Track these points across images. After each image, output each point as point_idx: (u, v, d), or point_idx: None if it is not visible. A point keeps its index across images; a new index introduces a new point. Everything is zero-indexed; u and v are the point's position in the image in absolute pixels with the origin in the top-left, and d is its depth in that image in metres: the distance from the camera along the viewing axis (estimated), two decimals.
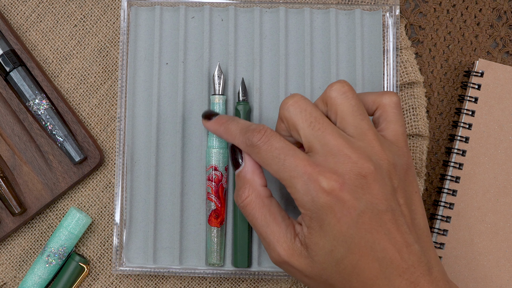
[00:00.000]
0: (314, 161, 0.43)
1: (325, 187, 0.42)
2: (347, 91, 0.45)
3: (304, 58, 0.55)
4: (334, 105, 0.45)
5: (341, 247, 0.42)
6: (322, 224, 0.43)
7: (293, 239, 0.45)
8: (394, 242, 0.42)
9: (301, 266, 0.44)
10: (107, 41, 0.58)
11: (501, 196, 0.56)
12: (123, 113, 0.55)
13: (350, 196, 0.42)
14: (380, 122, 0.47)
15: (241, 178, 0.48)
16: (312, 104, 0.46)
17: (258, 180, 0.47)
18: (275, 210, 0.46)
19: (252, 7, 0.56)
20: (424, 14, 0.59)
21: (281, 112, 0.46)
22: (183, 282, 0.56)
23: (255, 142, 0.45)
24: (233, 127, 0.48)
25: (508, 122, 0.57)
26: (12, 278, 0.56)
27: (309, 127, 0.44)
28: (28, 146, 0.56)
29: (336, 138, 0.44)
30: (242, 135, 0.47)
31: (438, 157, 0.59)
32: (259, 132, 0.46)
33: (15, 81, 0.55)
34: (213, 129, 0.50)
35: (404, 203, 0.44)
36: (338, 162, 0.43)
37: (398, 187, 0.44)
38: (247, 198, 0.47)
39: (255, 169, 0.47)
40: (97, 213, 0.57)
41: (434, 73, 0.59)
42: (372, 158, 0.43)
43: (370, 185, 0.43)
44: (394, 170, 0.44)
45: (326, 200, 0.42)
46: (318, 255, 0.43)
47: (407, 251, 0.42)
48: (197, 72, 0.56)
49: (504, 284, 0.55)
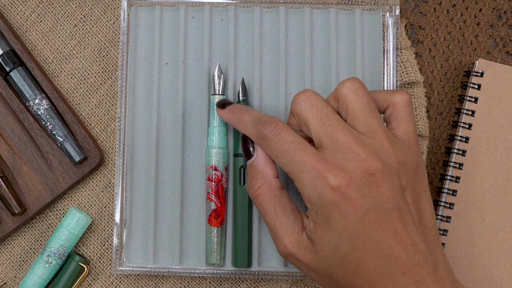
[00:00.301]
0: (323, 157, 0.43)
1: (332, 184, 0.42)
2: (359, 88, 0.45)
3: (304, 58, 0.55)
4: (345, 102, 0.46)
5: (346, 243, 0.42)
6: (328, 220, 0.43)
7: (300, 232, 0.45)
8: (400, 240, 0.42)
9: (306, 259, 0.45)
10: (107, 41, 0.58)
11: (501, 196, 0.56)
12: (123, 113, 0.55)
13: (357, 194, 0.42)
14: (391, 120, 0.47)
15: (253, 169, 0.48)
16: (323, 100, 0.46)
17: (270, 171, 0.47)
18: (286, 202, 0.47)
19: (252, 7, 0.56)
20: (424, 14, 0.59)
21: (293, 107, 0.46)
22: (183, 282, 0.56)
23: (266, 135, 0.46)
24: (246, 118, 0.48)
25: (508, 122, 0.57)
26: (12, 278, 0.56)
27: (319, 123, 0.45)
28: (28, 146, 0.56)
29: (345, 135, 0.44)
30: (254, 126, 0.47)
31: (438, 157, 0.59)
32: (271, 124, 0.46)
33: (15, 81, 0.55)
34: (226, 118, 0.51)
35: (412, 202, 0.44)
36: (347, 159, 0.43)
37: (407, 186, 0.44)
38: (259, 189, 0.47)
39: (267, 159, 0.48)
40: (97, 213, 0.57)
41: (434, 73, 0.59)
42: (381, 156, 0.43)
43: (378, 183, 0.43)
44: (403, 168, 0.44)
45: (332, 197, 0.42)
46: (323, 250, 0.44)
47: (413, 249, 0.42)
48: (197, 72, 0.56)
49: (504, 284, 0.55)
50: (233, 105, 0.51)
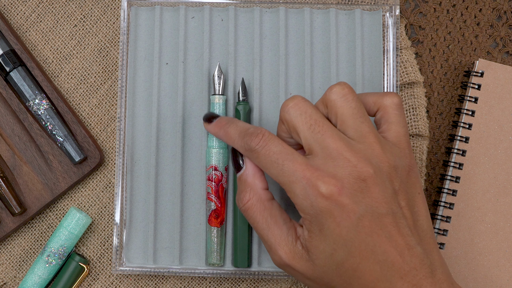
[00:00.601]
0: (312, 164, 0.43)
1: (324, 192, 0.42)
2: (347, 93, 0.45)
3: (304, 58, 0.55)
4: (334, 107, 0.45)
5: (341, 250, 0.42)
6: (322, 228, 0.43)
7: (294, 241, 0.45)
8: (395, 245, 0.42)
9: (302, 269, 0.44)
10: (107, 41, 0.58)
11: (501, 196, 0.56)
12: (123, 113, 0.55)
13: (349, 200, 0.42)
14: (381, 123, 0.47)
15: (242, 182, 0.48)
16: (312, 106, 0.45)
17: (259, 184, 0.47)
18: (276, 213, 0.46)
19: (252, 7, 0.56)
20: (424, 14, 0.59)
21: (282, 114, 0.46)
22: (183, 282, 0.56)
23: (253, 147, 0.45)
24: (232, 131, 0.48)
25: (508, 122, 0.57)
26: (12, 278, 0.56)
27: (309, 130, 0.44)
28: (28, 146, 0.56)
29: (335, 141, 0.43)
30: (241, 139, 0.47)
31: (438, 157, 0.59)
32: (257, 136, 0.45)
33: (15, 81, 0.55)
34: (213, 132, 0.50)
35: (406, 205, 0.44)
36: (337, 165, 0.43)
37: (400, 190, 0.44)
38: (248, 202, 0.47)
39: (256, 172, 0.47)
40: (97, 213, 0.57)
41: (434, 73, 0.59)
42: (372, 161, 0.43)
43: (370, 189, 0.42)
44: (395, 172, 0.44)
45: (325, 205, 0.42)
46: (319, 258, 0.43)
47: (409, 253, 0.42)
48: (197, 72, 0.56)
49: (504, 284, 0.55)
50: (219, 119, 0.50)
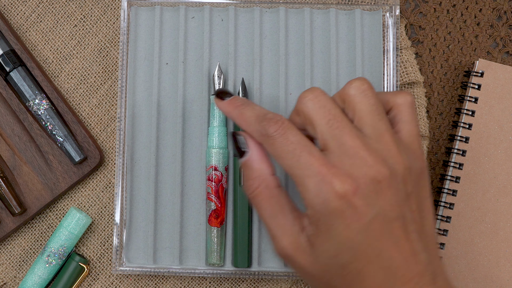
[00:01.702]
0: (329, 161, 0.42)
1: (339, 190, 0.41)
2: (367, 89, 0.44)
3: (304, 58, 0.55)
4: (352, 103, 0.44)
5: (346, 253, 0.41)
6: (329, 228, 0.42)
7: (299, 232, 0.44)
8: (401, 251, 0.41)
9: (303, 262, 0.43)
10: (107, 41, 0.58)
11: (501, 196, 0.56)
12: (123, 113, 0.55)
13: (362, 202, 0.41)
14: (394, 122, 0.46)
15: (249, 167, 0.46)
16: (332, 101, 0.44)
17: (267, 169, 0.46)
18: (284, 201, 0.45)
19: (252, 7, 0.56)
20: (424, 14, 0.59)
21: (299, 106, 0.44)
22: (183, 282, 0.56)
23: (271, 133, 0.44)
24: (249, 113, 0.46)
25: (508, 122, 0.57)
26: (12, 278, 0.56)
27: (326, 125, 0.43)
28: (28, 146, 0.56)
29: (353, 139, 0.42)
30: (258, 123, 0.45)
31: (438, 157, 0.59)
32: (276, 122, 0.44)
33: (15, 81, 0.55)
34: (226, 111, 0.48)
35: (416, 209, 0.43)
36: (354, 164, 0.41)
37: (412, 193, 0.43)
38: (256, 190, 0.45)
39: (263, 156, 0.46)
40: (97, 213, 0.57)
41: (434, 73, 0.59)
42: (388, 161, 0.42)
43: (384, 191, 0.41)
44: (409, 174, 0.43)
45: (337, 204, 0.41)
46: (321, 256, 0.42)
47: (414, 260, 0.41)
48: (197, 72, 0.56)
49: (504, 284, 0.55)
50: (233, 97, 0.48)
